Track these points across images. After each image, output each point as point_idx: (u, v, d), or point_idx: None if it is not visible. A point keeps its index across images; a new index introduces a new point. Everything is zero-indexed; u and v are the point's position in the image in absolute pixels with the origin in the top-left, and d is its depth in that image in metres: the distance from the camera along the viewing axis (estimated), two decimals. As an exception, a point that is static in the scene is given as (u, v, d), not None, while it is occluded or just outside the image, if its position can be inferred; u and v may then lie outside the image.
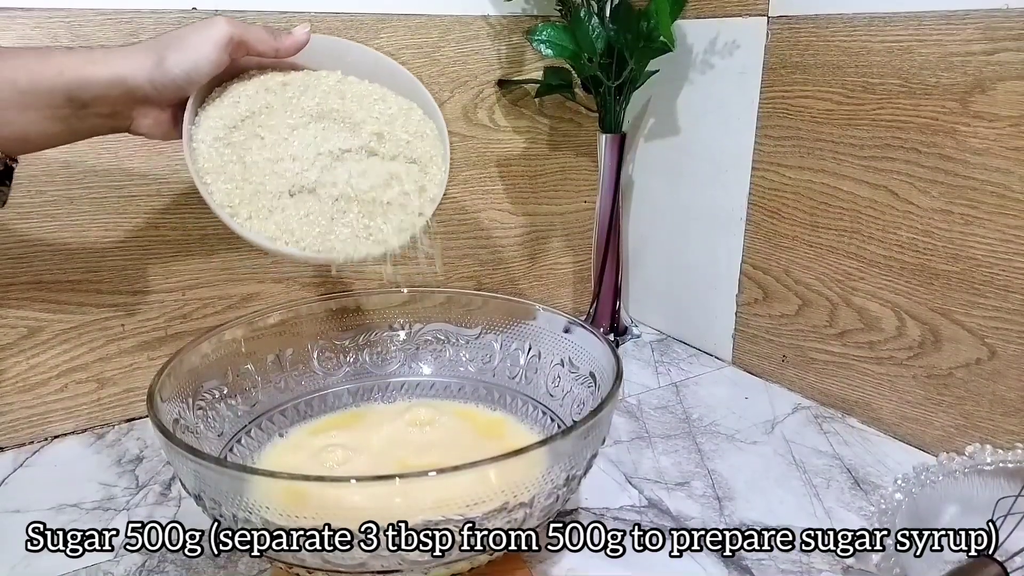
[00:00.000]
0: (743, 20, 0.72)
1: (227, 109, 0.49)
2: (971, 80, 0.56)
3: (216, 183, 0.47)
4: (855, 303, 0.67)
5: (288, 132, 0.49)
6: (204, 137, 0.48)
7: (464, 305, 0.64)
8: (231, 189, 0.47)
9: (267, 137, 0.49)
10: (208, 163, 0.47)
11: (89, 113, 0.45)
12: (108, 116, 0.46)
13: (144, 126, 0.47)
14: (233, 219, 0.47)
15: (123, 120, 0.47)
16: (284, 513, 0.39)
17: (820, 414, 0.70)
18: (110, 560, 0.51)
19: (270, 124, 0.49)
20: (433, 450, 0.56)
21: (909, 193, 0.62)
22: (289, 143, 0.49)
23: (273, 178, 0.48)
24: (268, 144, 0.49)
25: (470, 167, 0.81)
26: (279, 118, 0.50)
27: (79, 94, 0.44)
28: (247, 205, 0.47)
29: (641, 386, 0.76)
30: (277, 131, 0.49)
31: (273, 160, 0.48)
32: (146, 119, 0.47)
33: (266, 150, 0.49)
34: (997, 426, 0.59)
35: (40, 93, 0.43)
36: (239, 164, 0.48)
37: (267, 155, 0.48)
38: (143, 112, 0.47)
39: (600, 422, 0.45)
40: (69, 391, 0.67)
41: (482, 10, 0.77)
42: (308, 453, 0.55)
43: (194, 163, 0.47)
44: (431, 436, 0.58)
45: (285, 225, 0.48)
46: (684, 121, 0.81)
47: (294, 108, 0.50)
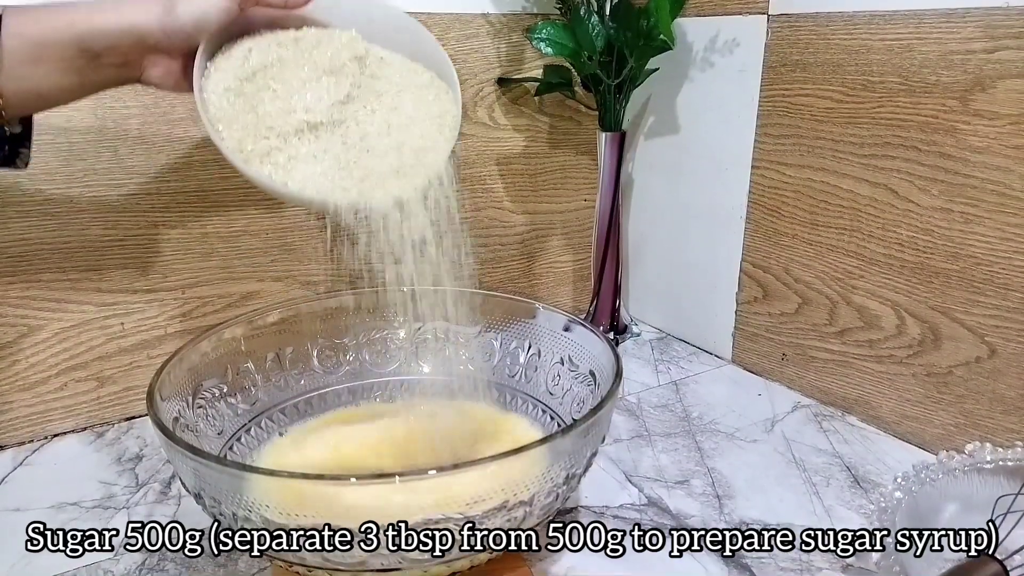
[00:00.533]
0: (743, 18, 0.72)
1: (237, 62, 0.49)
2: (971, 78, 0.56)
3: (228, 130, 0.47)
4: (855, 301, 0.67)
5: (300, 84, 0.49)
6: (215, 88, 0.47)
7: (464, 303, 0.64)
8: (243, 136, 0.47)
9: (279, 89, 0.49)
10: (219, 112, 0.47)
11: (101, 64, 0.45)
12: (120, 66, 0.46)
13: (155, 76, 0.47)
14: (247, 165, 0.46)
15: (134, 70, 0.47)
16: (284, 512, 0.39)
17: (820, 412, 0.70)
18: (110, 559, 0.51)
19: (282, 77, 0.49)
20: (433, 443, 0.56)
21: (909, 191, 0.62)
22: (302, 95, 0.49)
23: (285, 125, 0.48)
24: (280, 95, 0.48)
25: (470, 165, 0.81)
26: (291, 71, 0.49)
27: (91, 44, 0.44)
28: (260, 152, 0.47)
29: (641, 384, 0.76)
30: (289, 83, 0.49)
31: (286, 110, 0.48)
32: (157, 68, 0.47)
33: (278, 100, 0.48)
34: (997, 424, 0.59)
35: (51, 45, 0.43)
36: (251, 114, 0.48)
37: (279, 105, 0.48)
38: (154, 61, 0.47)
39: (600, 420, 0.45)
40: (69, 389, 0.67)
41: (482, 8, 0.77)
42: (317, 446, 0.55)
43: (206, 112, 0.47)
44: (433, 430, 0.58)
45: (299, 169, 0.47)
46: (684, 119, 0.81)
47: (306, 62, 0.50)
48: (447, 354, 0.64)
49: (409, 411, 0.60)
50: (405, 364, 0.64)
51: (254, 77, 0.49)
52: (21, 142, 0.48)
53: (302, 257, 0.74)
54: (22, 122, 0.48)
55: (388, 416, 0.60)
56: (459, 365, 0.64)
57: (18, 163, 0.49)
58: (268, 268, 0.73)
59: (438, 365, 0.64)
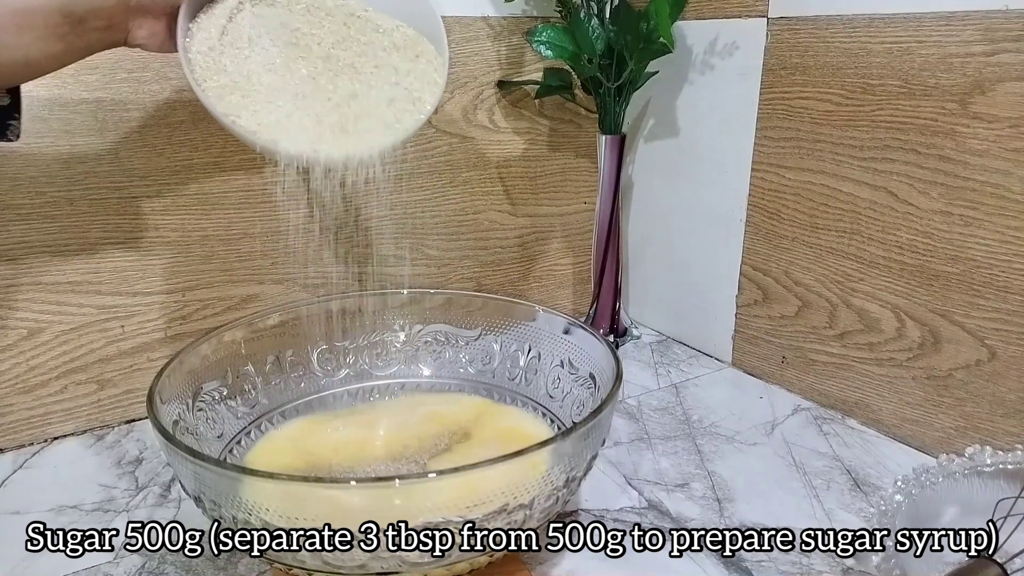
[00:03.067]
0: (743, 21, 0.72)
1: (220, 20, 0.49)
2: (971, 81, 0.56)
3: (211, 87, 0.47)
4: (855, 304, 0.67)
5: (287, 35, 0.50)
6: (200, 48, 0.48)
7: (464, 306, 0.64)
8: (229, 96, 0.47)
9: (260, 44, 0.49)
10: (204, 71, 0.47)
11: (86, 28, 0.45)
12: (105, 29, 0.46)
13: (140, 37, 0.48)
14: (230, 119, 0.47)
15: (119, 32, 0.47)
16: (283, 515, 0.39)
17: (820, 415, 0.70)
18: (110, 561, 0.51)
19: (264, 31, 0.50)
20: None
21: (909, 194, 0.62)
22: (292, 50, 0.49)
23: (270, 79, 0.48)
24: (260, 50, 0.49)
25: (470, 168, 0.81)
26: (273, 26, 0.50)
27: (73, 8, 0.44)
28: (244, 106, 0.47)
29: (641, 387, 0.76)
30: (269, 39, 0.49)
31: (268, 63, 0.48)
32: (141, 30, 0.47)
33: (263, 54, 0.49)
34: (997, 427, 0.59)
35: (34, 12, 0.43)
36: (236, 72, 0.48)
37: (262, 59, 0.49)
38: (138, 23, 0.47)
39: (600, 423, 0.45)
40: (69, 392, 0.67)
41: (482, 11, 0.77)
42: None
43: (191, 72, 0.47)
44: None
45: (285, 122, 0.48)
46: (684, 122, 0.81)
47: (288, 18, 0.50)
48: (447, 357, 0.64)
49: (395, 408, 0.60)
50: (405, 367, 0.64)
51: (237, 33, 0.49)
52: (10, 114, 0.48)
53: (302, 260, 0.74)
54: (10, 93, 0.47)
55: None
56: (459, 368, 0.64)
57: (9, 135, 0.48)
58: (268, 271, 0.73)
59: (438, 368, 0.64)
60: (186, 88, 0.65)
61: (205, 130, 0.66)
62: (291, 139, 0.47)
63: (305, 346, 0.61)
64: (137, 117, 0.64)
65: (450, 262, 0.82)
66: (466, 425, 0.58)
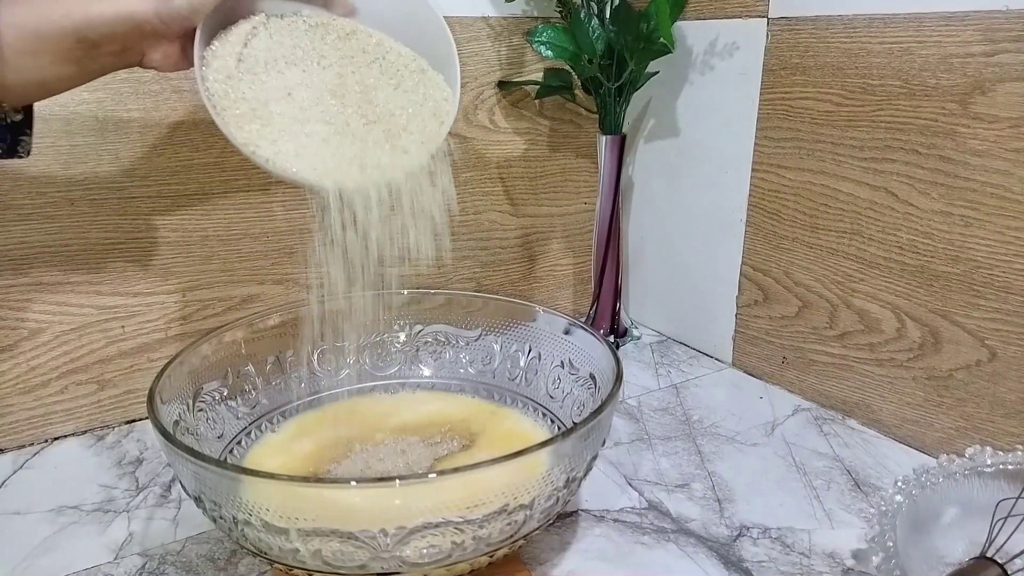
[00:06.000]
0: (743, 22, 0.72)
1: (236, 47, 0.49)
2: (971, 81, 0.56)
3: (231, 115, 0.47)
4: (855, 305, 0.67)
5: (295, 66, 0.49)
6: (217, 76, 0.48)
7: (464, 307, 0.64)
8: (248, 124, 0.47)
9: (278, 65, 0.49)
10: (223, 99, 0.47)
11: (100, 52, 0.45)
12: (119, 53, 0.46)
13: (154, 60, 0.48)
14: (250, 149, 0.47)
15: (134, 56, 0.47)
16: (283, 515, 0.39)
17: (820, 416, 0.70)
18: (110, 562, 0.51)
19: (280, 53, 0.50)
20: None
21: (909, 195, 0.62)
22: (307, 75, 0.49)
23: (287, 107, 0.48)
24: (280, 72, 0.49)
25: (470, 169, 0.81)
26: (287, 53, 0.50)
27: (87, 34, 0.44)
28: (263, 135, 0.47)
29: (641, 388, 0.76)
30: (288, 60, 0.49)
31: (285, 88, 0.48)
32: (156, 53, 0.47)
33: (279, 78, 0.49)
34: (997, 428, 0.59)
35: (48, 37, 0.43)
36: (254, 99, 0.48)
37: (278, 83, 0.48)
38: (152, 46, 0.47)
39: (600, 424, 0.45)
40: (69, 393, 0.67)
41: (482, 11, 0.77)
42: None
43: (209, 99, 0.47)
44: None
45: (303, 151, 0.47)
46: (684, 122, 0.81)
47: (301, 43, 0.50)
48: (447, 357, 0.64)
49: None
50: (405, 367, 0.64)
51: (254, 60, 0.49)
52: (22, 130, 0.48)
53: (303, 260, 0.74)
54: (23, 110, 0.48)
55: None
56: (459, 368, 0.64)
57: (20, 152, 0.49)
58: (269, 271, 0.73)
59: (438, 368, 0.64)
60: (186, 88, 0.65)
61: (205, 130, 0.66)
62: (308, 168, 0.47)
63: (305, 346, 0.61)
64: (137, 117, 0.64)
65: (450, 262, 0.82)
66: (466, 426, 0.58)
